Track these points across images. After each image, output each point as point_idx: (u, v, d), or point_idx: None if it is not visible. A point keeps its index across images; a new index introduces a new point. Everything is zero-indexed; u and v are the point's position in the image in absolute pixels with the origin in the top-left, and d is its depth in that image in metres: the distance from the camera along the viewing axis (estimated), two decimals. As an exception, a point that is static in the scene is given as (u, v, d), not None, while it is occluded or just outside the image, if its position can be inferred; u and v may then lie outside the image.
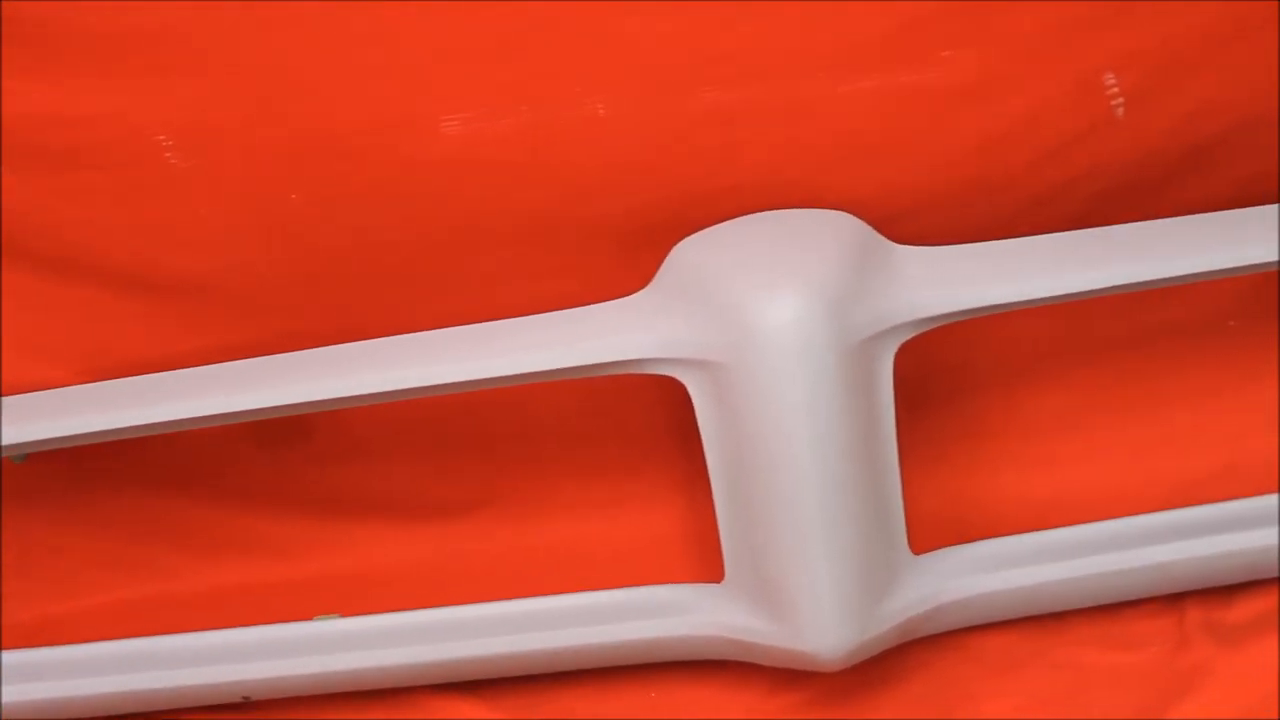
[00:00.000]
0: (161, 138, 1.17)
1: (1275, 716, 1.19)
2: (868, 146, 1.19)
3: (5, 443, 1.16)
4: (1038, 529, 1.23)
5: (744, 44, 1.15)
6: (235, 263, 1.22)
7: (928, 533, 1.22)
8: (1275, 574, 1.26)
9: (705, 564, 1.22)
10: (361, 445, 1.32)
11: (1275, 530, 1.22)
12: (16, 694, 1.20)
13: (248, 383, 1.17)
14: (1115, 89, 1.17)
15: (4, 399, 1.20)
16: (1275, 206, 1.19)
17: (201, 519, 1.35)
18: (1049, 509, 1.27)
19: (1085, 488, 1.32)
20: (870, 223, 1.18)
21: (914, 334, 1.14)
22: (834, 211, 1.18)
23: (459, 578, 1.32)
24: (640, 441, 1.34)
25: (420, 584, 1.32)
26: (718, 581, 1.19)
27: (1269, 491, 1.24)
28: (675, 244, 1.18)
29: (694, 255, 1.17)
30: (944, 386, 1.33)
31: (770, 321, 1.09)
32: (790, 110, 1.17)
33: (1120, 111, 1.18)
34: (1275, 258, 1.15)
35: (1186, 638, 1.24)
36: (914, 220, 1.20)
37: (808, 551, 1.12)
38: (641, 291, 1.18)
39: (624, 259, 1.20)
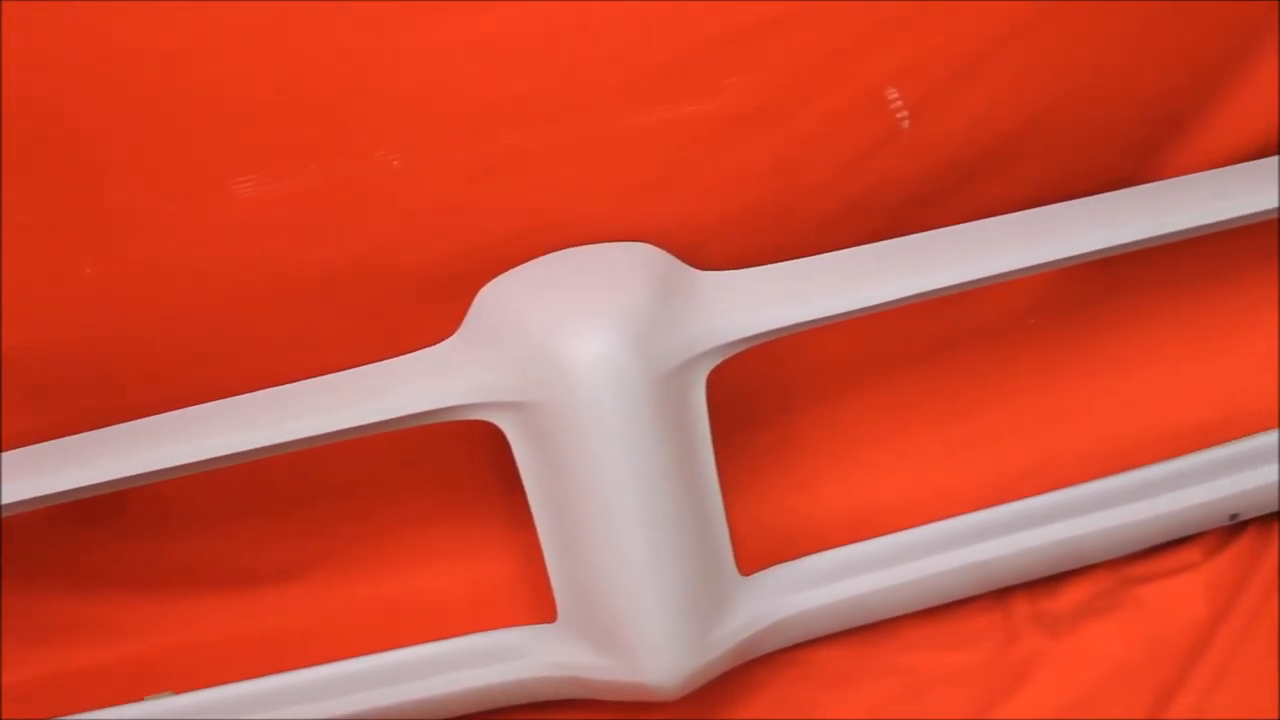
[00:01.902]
0: (-52, 218, 1.14)
1: (1106, 701, 1.22)
2: (663, 177, 1.19)
3: None
4: (863, 539, 1.24)
5: (532, 86, 1.14)
6: (33, 341, 1.19)
7: (755, 552, 1.23)
8: (1096, 560, 1.29)
9: (540, 604, 1.22)
10: (181, 516, 1.30)
11: (1093, 518, 1.25)
12: None
13: (56, 464, 1.14)
14: (899, 102, 1.19)
15: None
16: (1060, 206, 1.22)
17: (25, 606, 1.31)
18: (872, 517, 1.29)
19: (905, 493, 1.35)
20: (672, 251, 1.19)
21: (723, 358, 1.15)
22: (634, 243, 1.19)
23: (293, 642, 1.30)
24: (465, 487, 1.33)
25: (254, 652, 1.30)
26: (552, 621, 1.18)
27: (1084, 480, 1.27)
28: (480, 289, 1.17)
29: (499, 298, 1.17)
30: (759, 406, 1.34)
31: (578, 357, 1.09)
32: (584, 147, 1.17)
33: (906, 124, 1.19)
34: (1065, 255, 1.17)
35: (1015, 631, 1.27)
36: (715, 245, 1.21)
37: (635, 583, 1.13)
38: (450, 339, 1.17)
39: (430, 309, 1.19)
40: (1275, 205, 1.19)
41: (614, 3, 1.11)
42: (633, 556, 1.12)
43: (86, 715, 1.19)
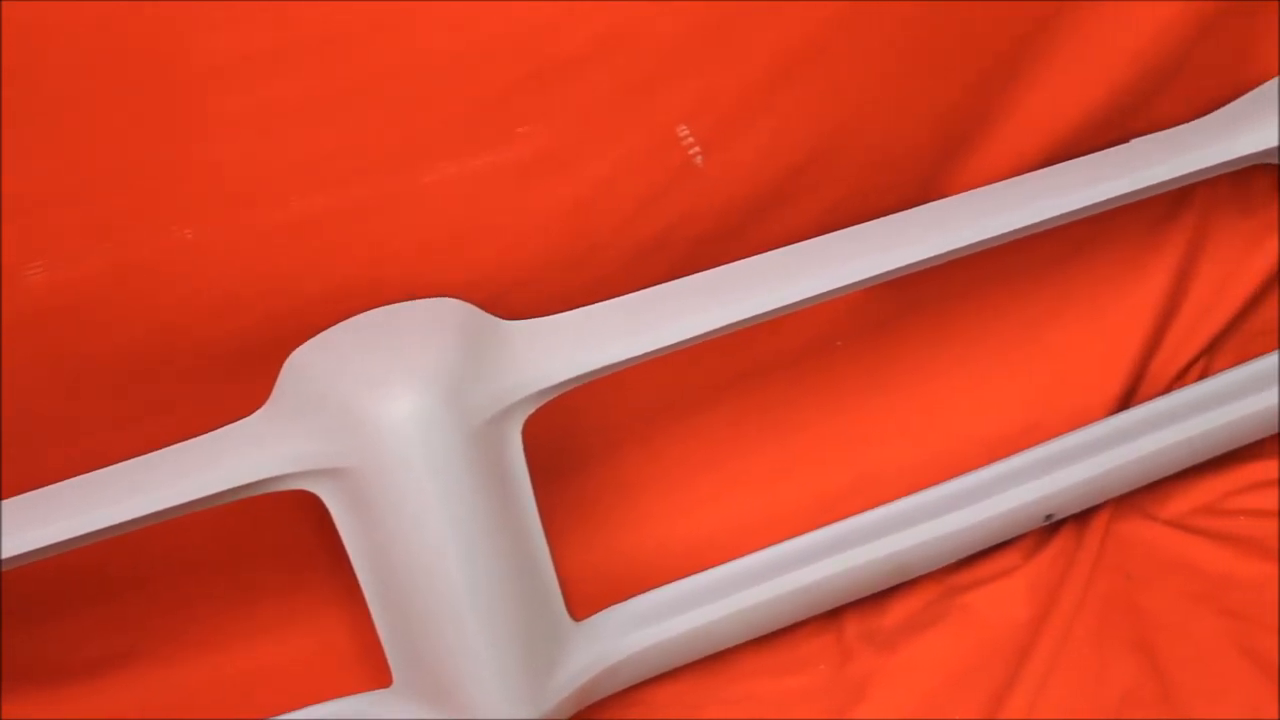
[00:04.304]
0: None
1: (942, 709, 1.24)
2: (463, 230, 1.19)
3: None
4: (695, 571, 1.25)
5: (324, 149, 1.14)
6: None
7: (590, 596, 1.24)
8: (921, 572, 1.31)
9: (377, 669, 1.20)
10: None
11: (914, 531, 1.28)
12: None
13: None
14: (690, 139, 1.20)
15: None
16: (857, 228, 1.24)
17: None
18: (702, 550, 1.30)
19: (733, 522, 1.36)
20: (478, 304, 1.18)
21: (536, 406, 1.15)
22: (437, 299, 1.18)
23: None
24: (290, 557, 1.32)
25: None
26: (388, 686, 1.17)
27: (902, 495, 1.29)
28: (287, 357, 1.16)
29: (305, 365, 1.15)
30: (583, 448, 1.35)
31: (387, 418, 1.08)
32: (380, 207, 1.17)
33: (699, 159, 1.21)
34: (866, 276, 1.20)
35: (848, 650, 1.29)
36: (521, 294, 1.21)
37: (465, 640, 1.12)
38: (260, 410, 1.15)
39: (239, 380, 1.17)
40: (1060, 213, 1.22)
41: (399, 60, 1.11)
42: (460, 614, 1.11)
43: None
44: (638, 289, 1.21)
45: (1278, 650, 1.22)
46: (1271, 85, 1.33)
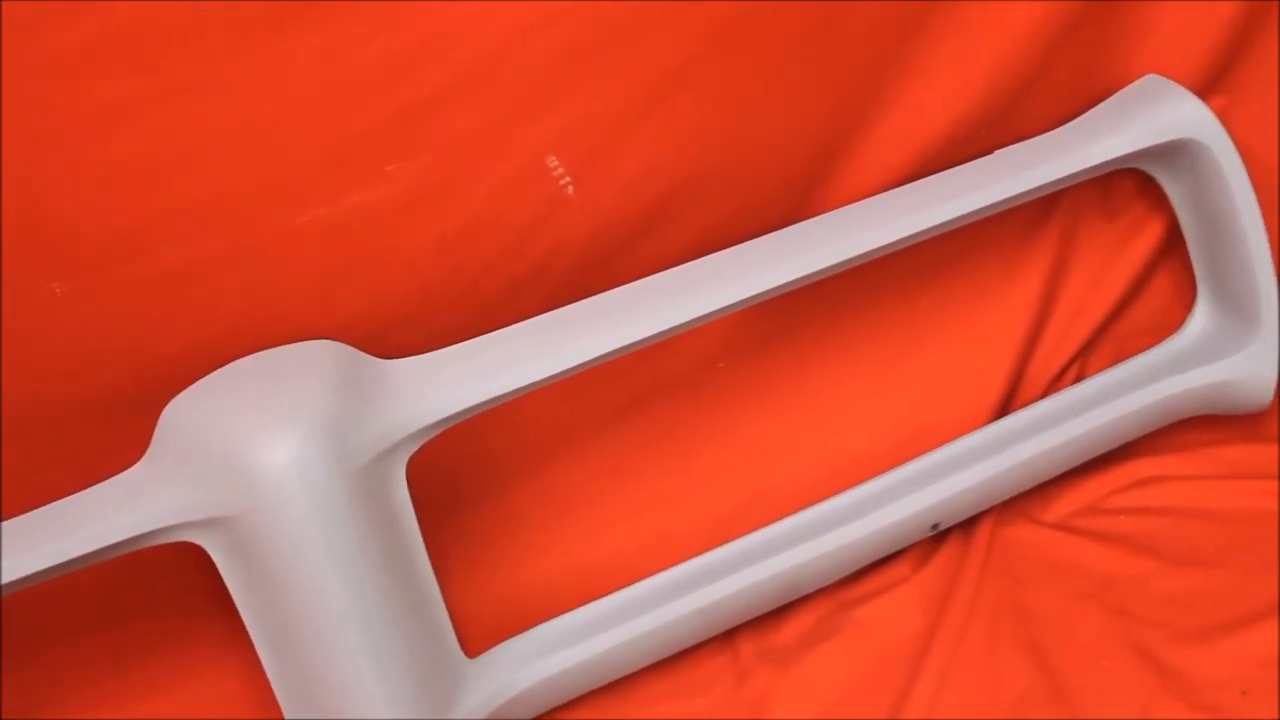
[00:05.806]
0: None
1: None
2: (336, 271, 1.19)
3: None
4: (589, 601, 1.25)
5: (192, 196, 1.13)
6: None
7: (488, 630, 1.24)
8: (814, 588, 1.32)
9: (274, 717, 1.19)
10: None
11: (805, 547, 1.29)
12: None
13: None
14: (560, 169, 1.21)
15: None
16: (732, 250, 1.25)
17: None
18: (599, 578, 1.30)
19: (625, 549, 1.36)
20: (356, 344, 1.18)
21: (418, 444, 1.14)
22: (312, 342, 1.17)
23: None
24: (178, 609, 1.29)
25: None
26: (283, 733, 1.16)
27: (798, 510, 1.30)
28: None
29: (183, 415, 1.14)
30: (474, 482, 1.34)
31: (267, 465, 1.07)
32: (252, 251, 1.16)
33: (570, 189, 1.21)
34: (743, 296, 1.21)
35: (745, 670, 1.30)
36: (398, 333, 1.21)
37: (359, 683, 1.11)
38: (138, 463, 1.14)
39: (117, 434, 1.16)
40: (930, 225, 1.25)
41: (264, 103, 1.11)
42: (351, 657, 1.10)
43: None
44: (516, 321, 1.21)
45: (1162, 644, 1.24)
46: (1128, 91, 1.37)
